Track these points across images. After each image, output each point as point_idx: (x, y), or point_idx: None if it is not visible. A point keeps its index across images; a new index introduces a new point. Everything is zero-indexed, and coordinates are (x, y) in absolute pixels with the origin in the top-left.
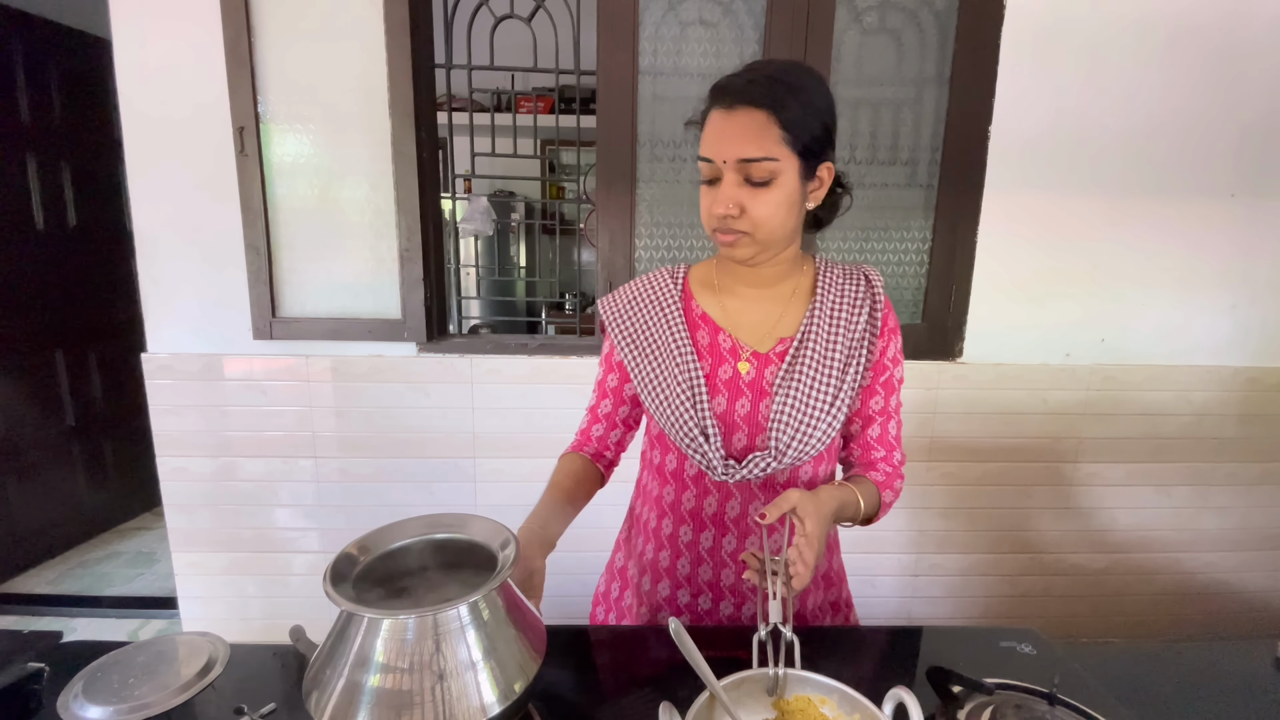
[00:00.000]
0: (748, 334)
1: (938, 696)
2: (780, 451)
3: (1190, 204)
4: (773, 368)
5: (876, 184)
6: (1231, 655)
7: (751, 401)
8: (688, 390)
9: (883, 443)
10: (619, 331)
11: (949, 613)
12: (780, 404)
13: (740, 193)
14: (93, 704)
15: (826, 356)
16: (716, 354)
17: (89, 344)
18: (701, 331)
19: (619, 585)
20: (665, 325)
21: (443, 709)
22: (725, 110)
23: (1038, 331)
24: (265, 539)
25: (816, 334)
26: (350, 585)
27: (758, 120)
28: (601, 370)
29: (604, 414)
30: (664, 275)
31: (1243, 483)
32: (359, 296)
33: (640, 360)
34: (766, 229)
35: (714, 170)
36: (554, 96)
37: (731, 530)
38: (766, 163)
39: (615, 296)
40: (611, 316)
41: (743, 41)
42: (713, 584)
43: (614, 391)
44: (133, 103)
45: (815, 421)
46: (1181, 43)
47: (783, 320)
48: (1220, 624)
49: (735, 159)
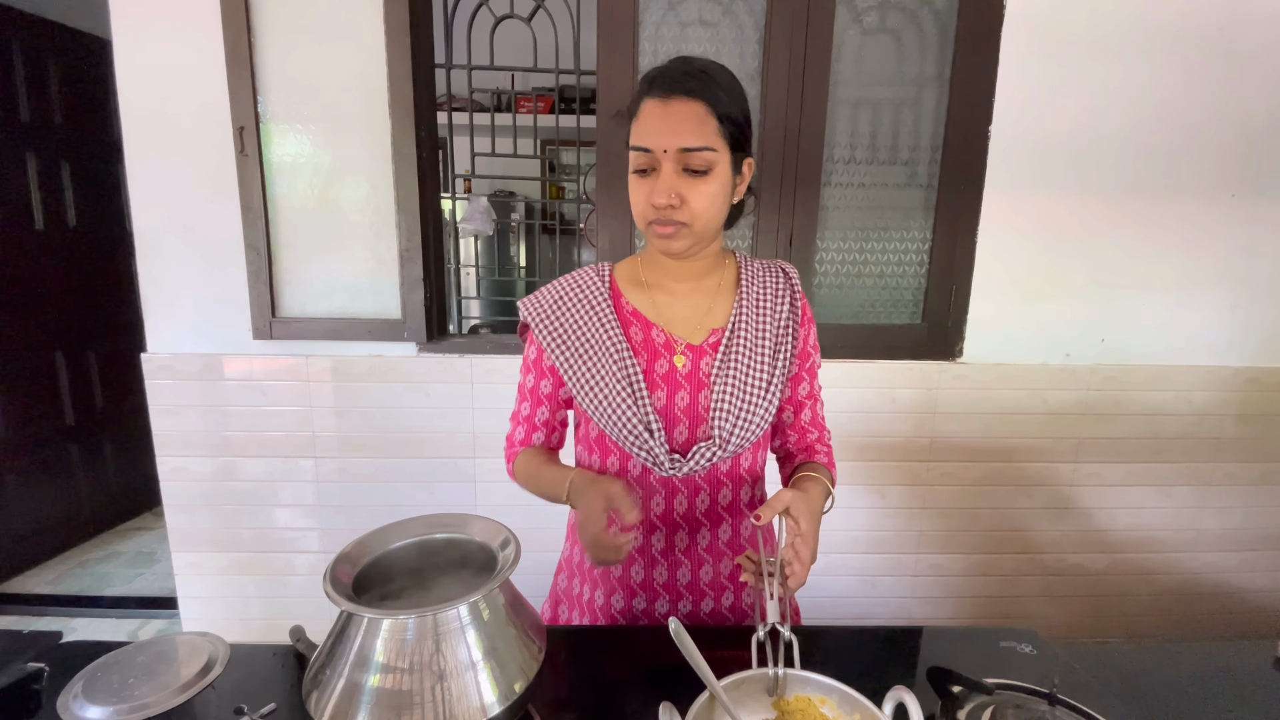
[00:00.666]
0: (680, 327)
1: (938, 696)
2: (724, 440)
3: (1190, 204)
4: (707, 359)
5: (876, 184)
6: (1231, 655)
7: (690, 394)
8: (627, 387)
9: (815, 424)
10: (547, 333)
11: (949, 613)
12: (720, 392)
13: (679, 182)
14: (93, 704)
15: (758, 344)
16: (651, 349)
17: (89, 344)
18: (634, 328)
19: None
20: (597, 324)
21: (443, 709)
22: (662, 100)
23: (1038, 331)
24: (265, 539)
25: (746, 323)
26: (350, 585)
27: (696, 110)
28: (531, 377)
29: (541, 421)
30: (589, 274)
31: (1243, 483)
32: (359, 296)
33: (573, 361)
34: (704, 220)
35: (649, 160)
36: (554, 96)
37: (683, 527)
38: (706, 152)
39: (539, 297)
40: (538, 318)
41: (743, 41)
42: (668, 585)
43: (547, 397)
44: (133, 103)
45: (754, 406)
46: (1181, 43)
47: (712, 312)
48: (1220, 624)
49: (676, 148)
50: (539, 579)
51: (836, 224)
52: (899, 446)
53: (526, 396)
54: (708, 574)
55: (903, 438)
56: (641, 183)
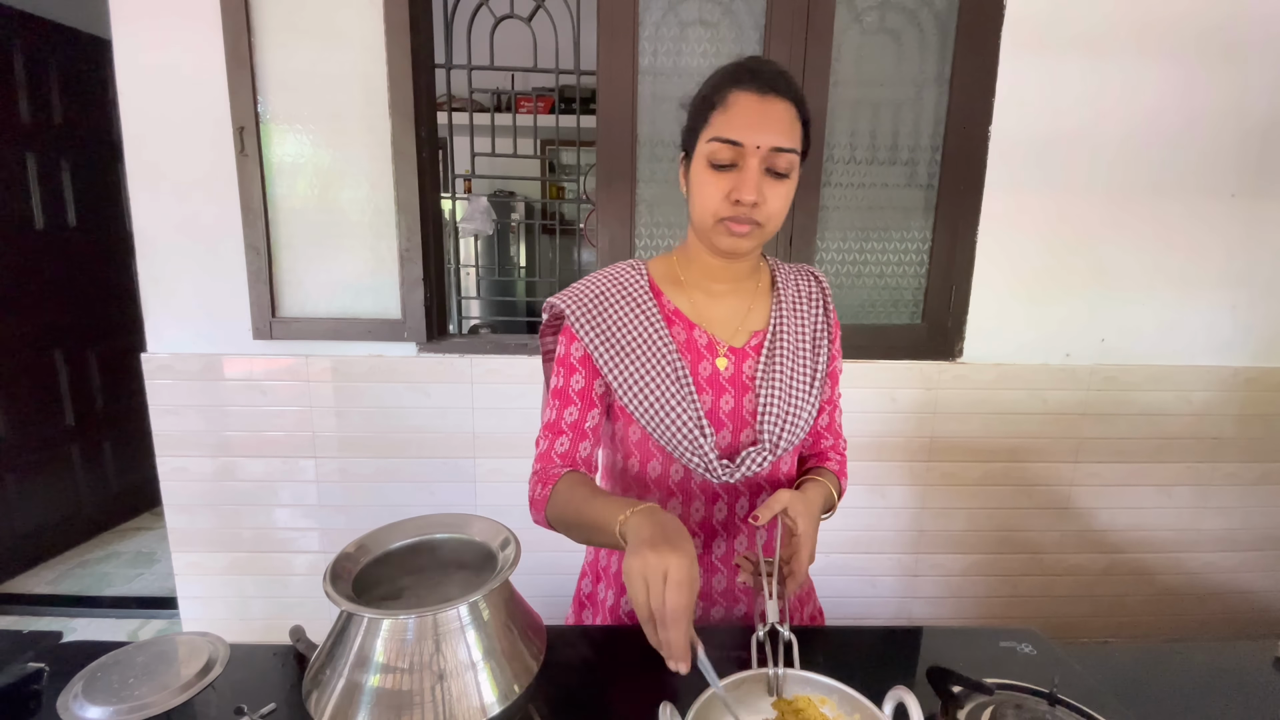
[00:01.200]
0: (720, 329)
1: (938, 696)
2: (774, 443)
3: (1191, 204)
4: (750, 361)
5: (876, 184)
6: (1231, 655)
7: (735, 397)
8: (679, 388)
9: (831, 431)
10: (589, 328)
11: (949, 613)
12: (767, 395)
13: (763, 181)
14: (93, 704)
15: (799, 345)
16: (694, 350)
17: (89, 344)
18: (676, 327)
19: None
20: (643, 321)
21: (443, 709)
22: (759, 95)
23: (1038, 331)
24: (265, 539)
25: (787, 326)
26: (350, 585)
27: (789, 111)
28: (579, 377)
29: (589, 426)
30: (626, 269)
31: (1243, 483)
32: (359, 296)
33: (619, 360)
34: (775, 222)
35: (735, 155)
36: (554, 96)
37: (721, 533)
38: (792, 155)
39: (577, 291)
40: (578, 312)
41: (743, 41)
42: (705, 593)
43: (595, 397)
44: (133, 103)
45: (799, 409)
46: (1182, 43)
47: (751, 314)
48: (1220, 624)
49: (769, 146)
50: (539, 579)
51: (836, 224)
52: (899, 446)
53: (573, 399)
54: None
55: (903, 438)
56: (720, 177)
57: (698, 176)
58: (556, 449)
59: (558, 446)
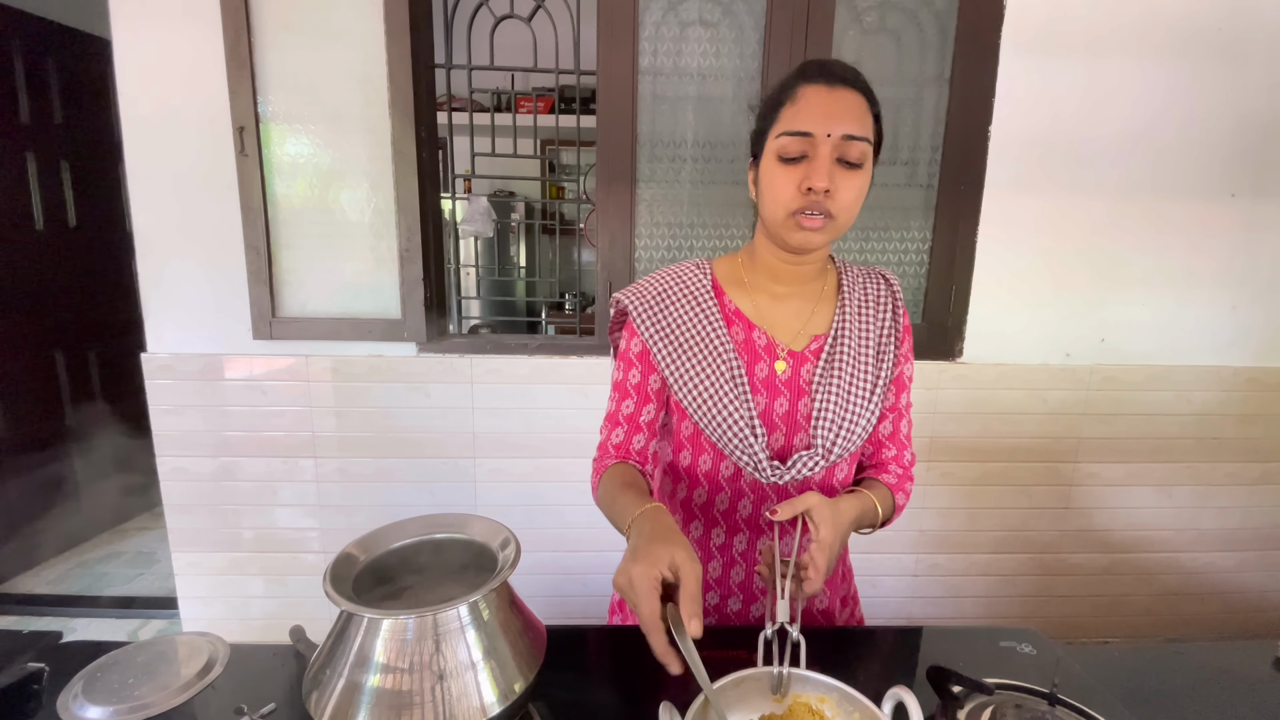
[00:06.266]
0: (781, 332)
1: (938, 696)
2: (827, 449)
3: (1190, 204)
4: (809, 365)
5: (876, 184)
6: (1231, 655)
7: (790, 401)
8: (733, 387)
9: (894, 440)
10: (650, 325)
11: (949, 613)
12: (822, 401)
13: (835, 170)
14: (93, 704)
15: (861, 352)
16: (752, 351)
17: (89, 344)
18: (736, 328)
19: None
20: (702, 320)
21: (443, 709)
22: (827, 87)
23: (1038, 331)
24: (265, 539)
25: (850, 331)
26: (350, 585)
27: (860, 101)
28: (637, 371)
29: (645, 421)
30: (690, 268)
31: (1243, 483)
32: (359, 296)
33: (677, 356)
34: (848, 214)
35: (805, 146)
36: (554, 96)
37: (767, 533)
38: (864, 144)
39: (640, 288)
40: (640, 309)
41: (743, 41)
42: (744, 585)
43: (650, 392)
44: (133, 103)
45: (856, 416)
46: (1181, 43)
47: (814, 318)
48: (1220, 624)
49: (840, 134)
50: (539, 579)
51: None
52: None
53: (630, 393)
54: None
55: None
56: (791, 169)
57: (768, 173)
58: (612, 439)
59: (613, 437)
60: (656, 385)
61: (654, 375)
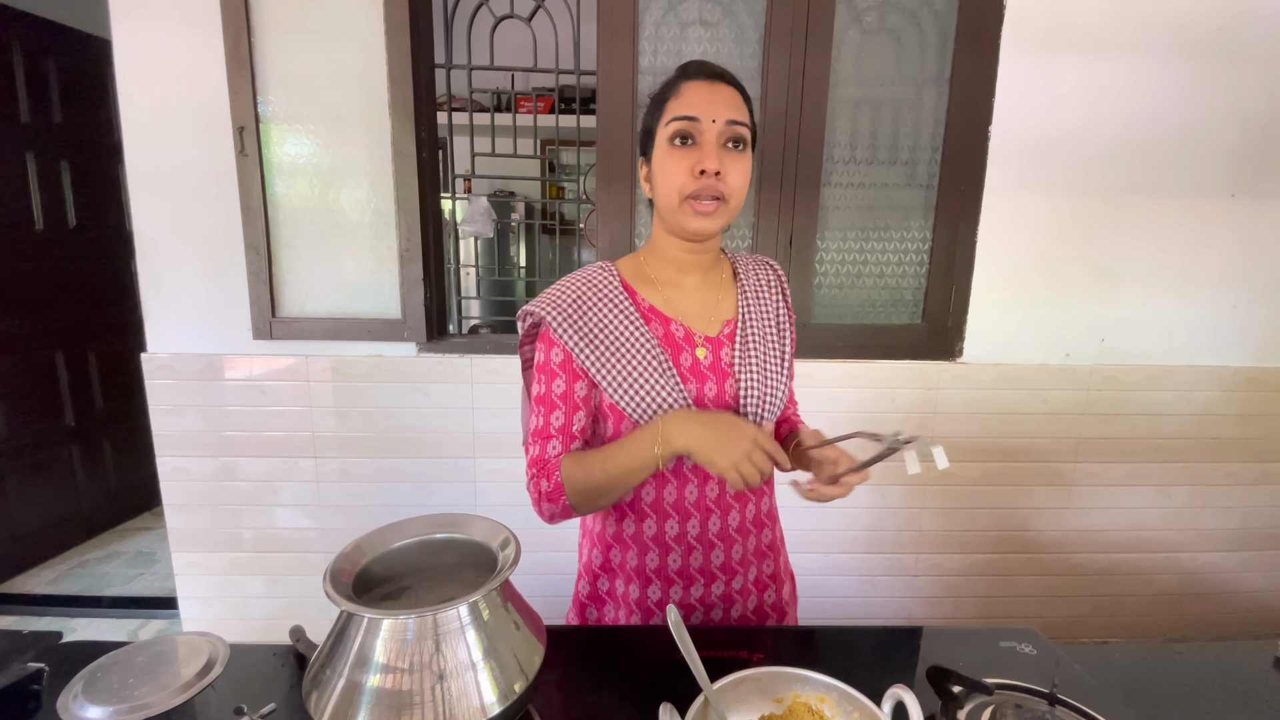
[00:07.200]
0: (695, 321)
1: (938, 696)
2: (756, 422)
3: (1190, 204)
4: (725, 349)
5: (876, 184)
6: (1231, 655)
7: (717, 384)
8: (665, 380)
9: (791, 400)
10: (571, 331)
11: (949, 613)
12: (746, 380)
13: (723, 154)
14: (93, 704)
15: (766, 329)
16: (674, 343)
17: (89, 344)
18: (654, 324)
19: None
20: (622, 319)
21: (443, 709)
22: (707, 81)
23: (1038, 331)
24: (265, 539)
25: (754, 312)
26: (350, 585)
27: (736, 95)
28: (561, 382)
29: (578, 430)
30: (597, 272)
31: (1243, 483)
32: (359, 296)
33: (604, 359)
34: (738, 197)
35: (693, 128)
36: (554, 96)
37: (714, 510)
38: (745, 127)
39: (553, 296)
40: (558, 317)
41: (743, 41)
42: (704, 569)
43: (578, 399)
44: (133, 103)
45: (774, 388)
46: (1181, 43)
47: (720, 305)
48: (1220, 624)
49: (725, 119)
50: (539, 579)
51: (836, 224)
52: None
53: (557, 404)
54: (738, 552)
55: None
56: (683, 154)
57: (661, 162)
58: (549, 453)
59: (549, 450)
60: (584, 392)
61: (580, 382)
